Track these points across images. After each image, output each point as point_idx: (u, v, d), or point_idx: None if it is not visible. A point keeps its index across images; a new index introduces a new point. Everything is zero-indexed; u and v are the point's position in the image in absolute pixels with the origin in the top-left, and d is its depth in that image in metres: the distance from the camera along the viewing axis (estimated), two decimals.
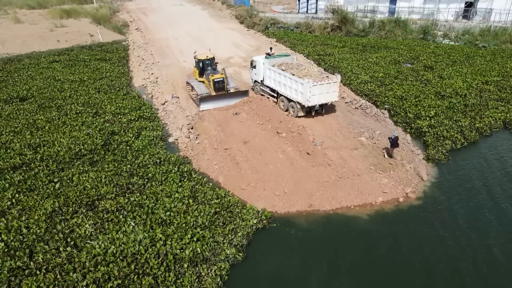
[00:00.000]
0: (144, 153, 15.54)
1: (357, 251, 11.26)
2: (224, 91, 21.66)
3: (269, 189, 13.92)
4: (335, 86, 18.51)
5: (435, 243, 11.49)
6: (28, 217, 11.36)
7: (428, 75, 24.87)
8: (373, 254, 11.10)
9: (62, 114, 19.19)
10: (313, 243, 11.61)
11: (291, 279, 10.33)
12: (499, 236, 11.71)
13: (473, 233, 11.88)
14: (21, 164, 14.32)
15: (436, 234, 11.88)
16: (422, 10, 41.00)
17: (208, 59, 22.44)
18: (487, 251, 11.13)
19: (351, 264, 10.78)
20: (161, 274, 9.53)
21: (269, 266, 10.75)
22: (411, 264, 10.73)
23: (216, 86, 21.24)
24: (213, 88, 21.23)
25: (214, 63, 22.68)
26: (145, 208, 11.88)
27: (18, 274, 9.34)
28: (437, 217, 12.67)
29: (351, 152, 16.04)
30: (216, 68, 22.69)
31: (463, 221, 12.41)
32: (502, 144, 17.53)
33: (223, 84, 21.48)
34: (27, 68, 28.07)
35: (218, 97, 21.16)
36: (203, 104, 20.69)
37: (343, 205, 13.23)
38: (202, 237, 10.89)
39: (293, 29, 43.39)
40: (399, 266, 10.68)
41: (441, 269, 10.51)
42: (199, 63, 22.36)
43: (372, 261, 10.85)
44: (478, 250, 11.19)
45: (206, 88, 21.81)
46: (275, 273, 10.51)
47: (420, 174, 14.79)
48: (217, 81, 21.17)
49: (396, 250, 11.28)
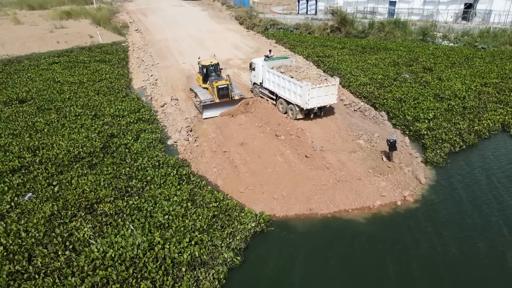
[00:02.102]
0: (143, 155, 15.58)
1: (355, 255, 11.29)
2: (229, 98, 20.95)
3: (267, 192, 13.96)
4: (334, 88, 18.55)
5: (433, 246, 11.52)
6: (27, 221, 11.42)
7: (427, 77, 24.90)
8: (371, 258, 11.13)
9: (61, 116, 19.25)
10: (311, 246, 11.64)
11: (289, 283, 10.36)
12: (498, 240, 11.73)
13: (471, 236, 11.90)
14: (20, 167, 14.39)
15: (434, 237, 11.90)
16: (421, 12, 41.03)
17: (212, 64, 21.81)
18: (486, 254, 11.15)
19: (349, 268, 10.81)
20: (159, 278, 9.57)
21: (267, 270, 10.78)
22: (409, 268, 10.75)
23: (220, 93, 20.56)
24: (217, 95, 20.55)
25: (218, 69, 22.10)
26: (143, 212, 11.92)
27: (17, 278, 9.39)
28: (435, 220, 12.70)
29: (350, 155, 16.07)
30: (220, 74, 22.15)
31: (461, 225, 12.44)
32: (500, 147, 17.55)
33: (227, 91, 20.79)
34: (26, 70, 28.16)
35: (222, 104, 20.54)
36: (207, 112, 20.12)
37: (341, 209, 13.26)
38: (200, 241, 10.93)
39: (292, 30, 43.44)
40: (397, 269, 10.71)
41: (439, 273, 10.53)
42: (203, 69, 21.68)
43: (370, 265, 10.87)
44: (476, 253, 11.21)
45: (210, 95, 21.09)
46: (273, 277, 10.54)
47: (418, 178, 14.83)
48: (221, 88, 20.51)
49: (394, 253, 11.30)
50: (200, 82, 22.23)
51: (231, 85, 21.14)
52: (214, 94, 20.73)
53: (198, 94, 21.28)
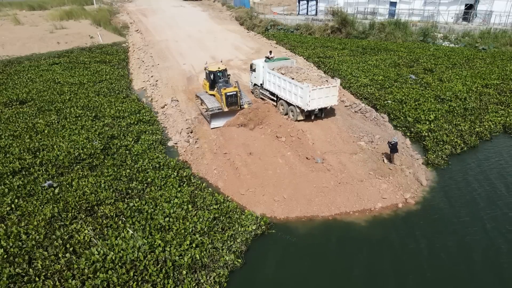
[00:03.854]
0: (144, 157, 15.55)
1: (356, 257, 11.24)
2: (237, 106, 19.45)
3: (268, 194, 13.92)
4: (335, 90, 18.51)
5: (435, 249, 11.48)
6: (28, 223, 11.39)
7: (428, 78, 24.87)
8: (372, 261, 11.09)
9: (61, 117, 19.22)
10: (312, 249, 11.60)
11: (290, 286, 10.32)
12: (499, 242, 11.69)
13: (473, 239, 11.86)
14: (21, 168, 14.34)
15: (435, 240, 11.85)
16: (422, 12, 41.03)
17: (220, 70, 20.47)
18: (487, 257, 11.12)
19: (350, 270, 10.77)
20: (160, 281, 9.53)
21: (268, 273, 10.74)
22: (410, 270, 10.71)
23: (228, 100, 19.02)
24: (225, 102, 19.01)
25: (226, 75, 20.84)
26: (144, 214, 11.89)
27: (17, 281, 9.36)
28: (437, 223, 12.66)
29: (351, 157, 16.04)
30: (228, 80, 20.82)
31: (462, 227, 12.40)
32: (502, 148, 17.50)
33: (236, 98, 19.21)
34: (27, 71, 28.11)
35: (231, 113, 19.30)
36: (215, 121, 19.00)
37: (342, 211, 13.22)
38: (201, 243, 10.90)
39: (293, 31, 43.42)
40: (398, 272, 10.67)
41: (441, 275, 10.49)
42: (210, 74, 20.37)
43: (371, 268, 10.83)
44: (477, 256, 11.18)
45: (217, 102, 19.64)
46: (274, 280, 10.50)
47: (419, 179, 14.78)
48: (230, 95, 18.96)
49: (395, 256, 11.26)
50: (206, 88, 20.97)
51: (240, 92, 19.64)
52: (222, 101, 19.15)
53: (205, 101, 19.95)
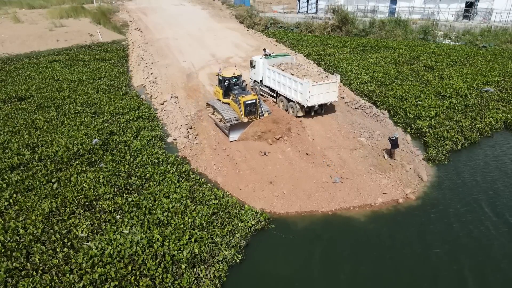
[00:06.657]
0: (143, 153, 15.48)
1: (356, 252, 11.17)
2: (256, 116, 17.35)
3: (267, 189, 13.84)
4: (335, 86, 18.43)
5: (435, 244, 11.40)
6: (26, 218, 11.33)
7: (429, 75, 24.78)
8: (372, 255, 11.01)
9: (60, 114, 19.16)
10: (311, 244, 11.53)
11: (289, 281, 10.25)
12: (499, 237, 11.62)
13: (473, 234, 11.79)
14: (19, 164, 14.30)
15: (436, 235, 11.79)
16: (422, 10, 40.88)
17: (236, 76, 18.45)
18: (487, 252, 11.05)
19: (350, 266, 10.70)
20: (159, 276, 9.46)
21: (268, 268, 10.67)
22: (410, 265, 10.64)
23: (247, 109, 16.90)
24: (244, 112, 16.88)
25: (242, 81, 18.86)
26: (142, 209, 11.82)
27: (15, 275, 9.30)
28: (437, 218, 12.58)
29: (351, 152, 15.96)
30: (245, 88, 18.92)
31: (463, 223, 12.32)
32: (503, 145, 17.43)
33: (255, 107, 17.13)
34: (26, 68, 28.05)
35: (249, 124, 17.30)
36: (233, 133, 17.05)
37: (342, 206, 13.15)
38: (200, 238, 10.82)
39: (293, 29, 43.31)
40: (398, 267, 10.60)
41: (441, 271, 10.42)
42: (224, 81, 18.31)
43: (371, 262, 10.76)
44: (478, 251, 11.11)
45: (233, 112, 17.52)
46: (274, 275, 10.43)
47: (420, 175, 14.71)
48: (249, 104, 16.86)
49: (396, 251, 11.19)
50: (220, 96, 18.81)
51: (259, 100, 17.61)
52: (241, 111, 16.96)
53: (220, 111, 17.74)
